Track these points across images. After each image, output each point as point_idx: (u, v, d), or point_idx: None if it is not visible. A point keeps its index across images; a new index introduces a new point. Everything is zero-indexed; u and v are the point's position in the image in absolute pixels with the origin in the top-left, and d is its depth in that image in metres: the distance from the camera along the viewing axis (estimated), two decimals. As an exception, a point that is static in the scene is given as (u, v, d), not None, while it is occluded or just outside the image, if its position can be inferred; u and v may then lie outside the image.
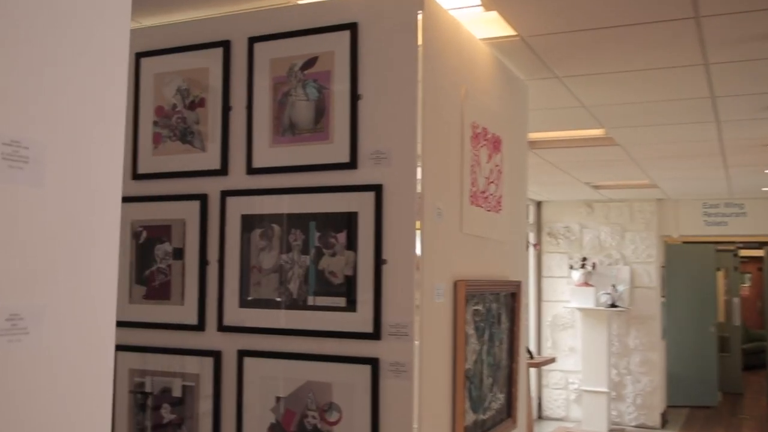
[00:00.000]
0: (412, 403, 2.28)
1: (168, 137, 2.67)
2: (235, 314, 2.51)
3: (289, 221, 2.46)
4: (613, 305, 8.44)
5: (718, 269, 11.29)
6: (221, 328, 2.53)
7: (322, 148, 2.44)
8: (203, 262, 2.56)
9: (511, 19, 2.97)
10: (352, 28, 2.43)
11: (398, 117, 2.37)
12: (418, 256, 2.34)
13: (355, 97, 2.42)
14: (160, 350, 2.61)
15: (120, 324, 2.68)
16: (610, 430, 8.42)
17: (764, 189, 7.84)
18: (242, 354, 2.49)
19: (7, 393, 0.96)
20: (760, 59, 3.40)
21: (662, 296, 9.01)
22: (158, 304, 2.62)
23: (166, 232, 2.63)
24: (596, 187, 7.86)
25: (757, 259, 13.37)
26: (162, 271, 2.62)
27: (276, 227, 2.48)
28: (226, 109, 2.59)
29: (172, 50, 2.69)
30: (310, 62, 2.49)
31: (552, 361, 7.98)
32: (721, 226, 8.79)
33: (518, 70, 3.55)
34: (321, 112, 2.46)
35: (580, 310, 8.60)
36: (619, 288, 8.57)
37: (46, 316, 1.02)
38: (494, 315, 2.95)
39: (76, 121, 1.07)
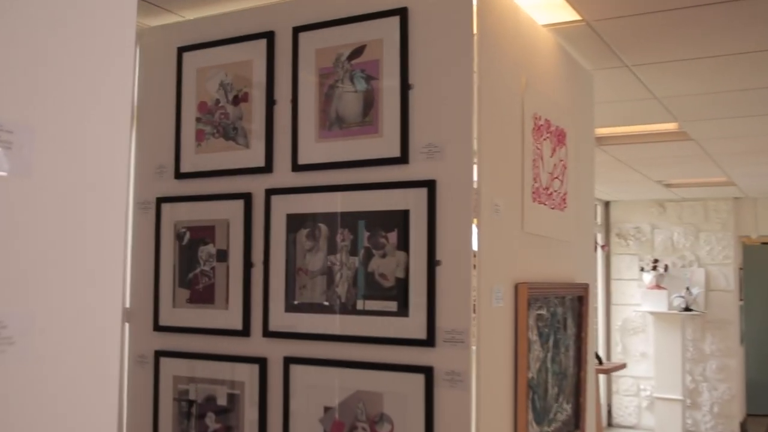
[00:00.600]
0: (470, 416, 2.12)
1: (211, 134, 2.57)
2: (280, 319, 2.38)
3: (337, 220, 2.32)
4: (687, 309, 8.08)
5: (801, 271, 10.67)
6: (267, 333, 2.40)
7: (371, 142, 2.29)
8: (248, 264, 2.44)
9: (575, 2, 2.76)
10: (402, 13, 2.28)
11: (452, 107, 2.20)
12: (474, 256, 2.17)
13: (405, 87, 2.26)
14: (205, 356, 2.50)
15: (164, 329, 2.60)
16: (686, 440, 8.03)
17: None
18: (288, 361, 2.35)
19: (-13, 413, 0.84)
20: None
21: (740, 300, 8.56)
22: (202, 308, 2.52)
23: (210, 233, 2.52)
24: (668, 186, 7.53)
25: (844, 260, 12.60)
26: (206, 274, 2.51)
27: (323, 227, 2.34)
28: (271, 103, 2.47)
29: (215, 43, 2.58)
30: (358, 51, 2.34)
31: (622, 367, 7.70)
32: (805, 226, 8.30)
33: (583, 58, 3.33)
34: (369, 103, 2.31)
35: (652, 314, 8.27)
36: (694, 291, 8.19)
37: (35, 325, 0.89)
38: (559, 320, 2.75)
39: (72, 104, 0.95)
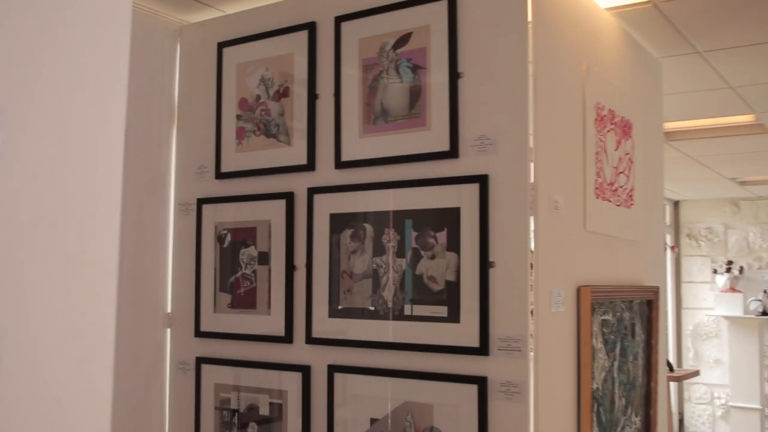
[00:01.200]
0: (528, 430, 1.93)
1: (252, 132, 2.46)
2: (324, 325, 2.25)
3: (383, 220, 2.17)
4: (764, 313, 7.66)
5: None
6: (310, 340, 2.27)
7: (419, 135, 2.14)
8: (290, 268, 2.32)
9: (640, -19, 2.55)
10: (451, -3, 2.12)
11: (506, 97, 2.03)
12: (532, 257, 1.99)
13: (454, 76, 2.10)
14: (247, 364, 2.39)
15: (205, 335, 2.50)
16: (765, 452, 7.60)
17: None
18: (333, 369, 2.22)
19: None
20: None
21: (824, 303, 8.07)
22: (244, 313, 2.40)
23: (251, 235, 2.41)
24: (743, 183, 7.15)
25: None
26: (247, 278, 2.40)
27: (368, 227, 2.20)
28: (312, 97, 2.34)
29: (255, 37, 2.48)
30: (403, 39, 2.19)
31: (695, 374, 7.36)
32: None
33: (650, 44, 3.10)
34: (416, 95, 2.16)
35: (727, 318, 7.89)
36: (772, 294, 7.76)
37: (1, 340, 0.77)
38: (627, 326, 2.54)
39: (48, 80, 0.82)
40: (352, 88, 2.26)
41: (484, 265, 2.00)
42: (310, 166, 2.32)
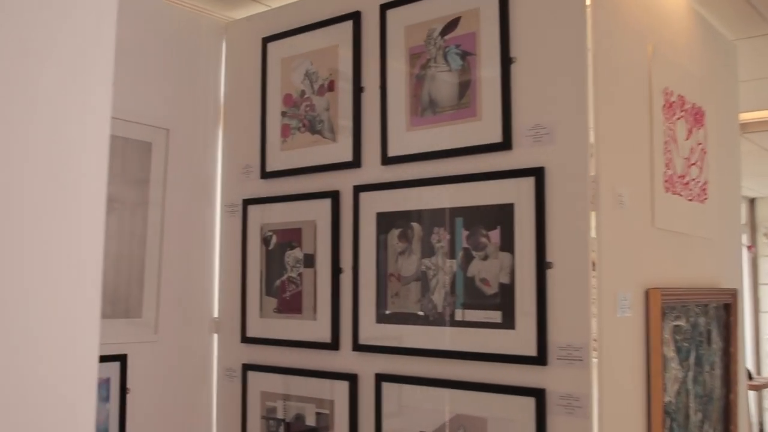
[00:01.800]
0: (593, 447, 1.76)
1: (297, 128, 2.36)
2: (371, 331, 2.12)
3: (432, 218, 2.04)
4: None
5: None
6: (356, 347, 2.15)
7: (469, 126, 2.00)
8: (336, 270, 2.21)
9: (712, -44, 2.35)
10: (501, -23, 1.97)
11: (563, 82, 1.88)
12: (594, 257, 1.82)
13: (507, 62, 1.96)
14: (293, 371, 2.29)
15: (251, 340, 2.41)
16: None
17: None
18: (380, 378, 2.09)
19: None
20: None
21: None
22: (290, 318, 2.30)
23: (297, 236, 2.30)
24: (826, 178, 6.73)
25: None
26: (293, 281, 2.30)
27: (416, 226, 2.06)
28: (358, 90, 2.23)
29: (299, 30, 2.38)
30: (452, 25, 2.06)
31: (777, 382, 6.96)
32: None
33: (723, 25, 2.89)
34: (466, 83, 2.02)
35: (811, 322, 7.45)
36: None
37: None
38: (702, 332, 2.34)
39: (29, 75, 0.72)
40: (399, 79, 2.14)
41: (541, 266, 1.84)
42: (356, 162, 2.21)
